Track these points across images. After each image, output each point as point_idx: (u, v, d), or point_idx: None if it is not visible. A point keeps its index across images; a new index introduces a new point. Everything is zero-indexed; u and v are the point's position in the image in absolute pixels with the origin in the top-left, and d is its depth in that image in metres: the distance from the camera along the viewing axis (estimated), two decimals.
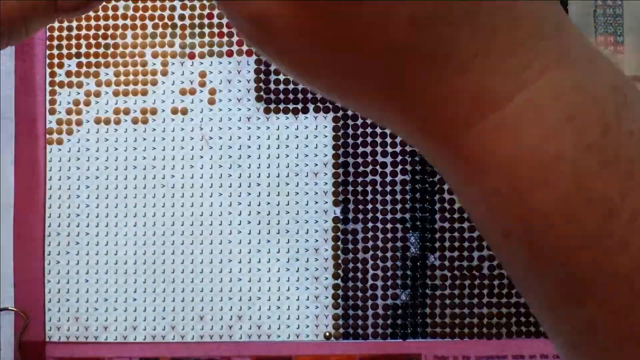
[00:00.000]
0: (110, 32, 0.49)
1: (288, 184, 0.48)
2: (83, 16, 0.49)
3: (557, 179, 0.18)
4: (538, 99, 0.18)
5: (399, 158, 0.47)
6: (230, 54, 0.49)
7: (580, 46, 0.19)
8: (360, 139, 0.48)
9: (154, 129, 0.48)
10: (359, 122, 0.48)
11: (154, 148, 0.48)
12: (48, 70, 0.49)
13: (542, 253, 0.19)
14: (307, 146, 0.48)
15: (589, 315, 0.19)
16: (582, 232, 0.18)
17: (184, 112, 0.48)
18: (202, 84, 0.48)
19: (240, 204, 0.48)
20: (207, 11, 0.49)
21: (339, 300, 0.47)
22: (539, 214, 0.18)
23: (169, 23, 0.49)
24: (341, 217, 0.48)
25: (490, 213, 0.19)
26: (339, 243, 0.47)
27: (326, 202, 0.48)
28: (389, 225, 0.47)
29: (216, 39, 0.49)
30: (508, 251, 0.20)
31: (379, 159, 0.47)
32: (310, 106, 0.48)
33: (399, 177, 0.47)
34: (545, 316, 0.20)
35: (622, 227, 0.18)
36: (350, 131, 0.48)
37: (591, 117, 0.18)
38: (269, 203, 0.48)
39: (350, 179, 0.48)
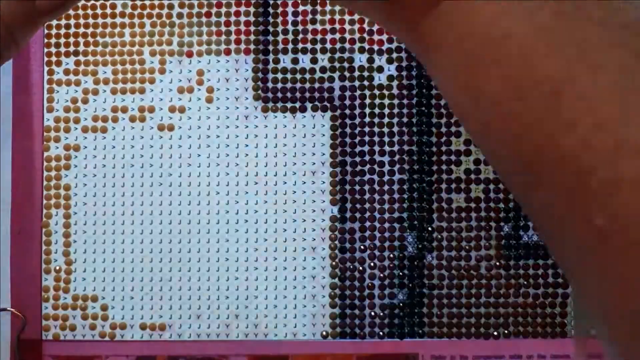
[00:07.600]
0: (108, 30, 0.49)
1: (285, 182, 0.48)
2: (81, 14, 0.49)
3: (505, 58, 0.18)
4: None
5: (397, 157, 0.47)
6: (228, 52, 0.49)
7: None
8: (358, 138, 0.48)
9: (152, 127, 0.48)
10: (357, 121, 0.48)
11: (152, 146, 0.48)
12: (46, 69, 0.49)
13: (492, 132, 0.19)
14: (304, 145, 0.48)
15: (542, 199, 0.19)
16: (528, 111, 0.18)
17: (182, 110, 0.48)
18: (200, 82, 0.48)
19: (237, 202, 0.48)
20: (205, 9, 0.49)
21: (336, 299, 0.47)
22: (487, 90, 0.19)
23: (167, 21, 0.49)
24: (338, 216, 0.47)
25: (444, 88, 0.20)
26: (336, 242, 0.47)
27: (323, 201, 0.48)
28: (386, 225, 0.47)
29: (214, 37, 0.49)
30: (466, 129, 0.21)
31: (377, 158, 0.47)
32: (308, 105, 0.48)
33: (397, 177, 0.47)
34: (522, 203, 0.21)
35: (568, 108, 0.18)
36: (348, 130, 0.48)
37: (545, 1, 0.18)
38: (266, 202, 0.48)
39: (348, 177, 0.48)
